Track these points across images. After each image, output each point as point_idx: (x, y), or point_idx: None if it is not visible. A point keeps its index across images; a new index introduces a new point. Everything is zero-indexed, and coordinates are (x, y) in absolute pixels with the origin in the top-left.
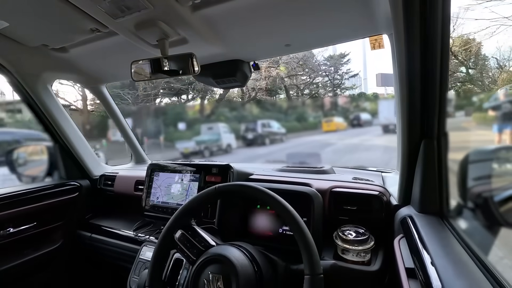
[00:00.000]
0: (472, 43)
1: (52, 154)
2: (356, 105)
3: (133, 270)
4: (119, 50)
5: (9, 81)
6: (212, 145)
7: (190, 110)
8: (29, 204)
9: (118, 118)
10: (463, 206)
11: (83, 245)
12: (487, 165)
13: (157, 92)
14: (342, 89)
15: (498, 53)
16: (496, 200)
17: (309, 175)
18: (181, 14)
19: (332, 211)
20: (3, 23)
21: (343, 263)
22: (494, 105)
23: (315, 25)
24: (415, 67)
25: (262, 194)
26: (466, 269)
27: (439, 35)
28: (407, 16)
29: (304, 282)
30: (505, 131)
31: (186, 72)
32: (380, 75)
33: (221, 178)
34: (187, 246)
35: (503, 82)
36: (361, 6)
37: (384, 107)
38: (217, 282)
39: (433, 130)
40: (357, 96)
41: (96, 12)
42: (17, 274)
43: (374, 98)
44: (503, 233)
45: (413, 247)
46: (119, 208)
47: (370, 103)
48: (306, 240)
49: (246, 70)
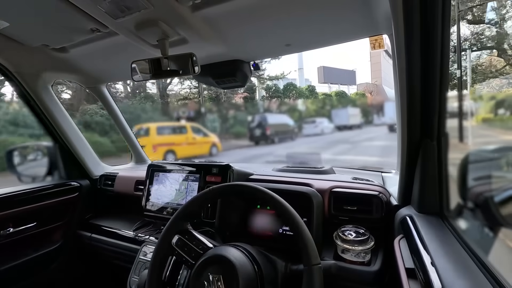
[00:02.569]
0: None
1: (52, 154)
2: (281, 104)
3: (133, 270)
4: (119, 50)
5: (9, 81)
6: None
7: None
8: (29, 204)
9: (118, 118)
10: (463, 206)
11: (83, 245)
12: (487, 165)
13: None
14: (262, 79)
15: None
16: (496, 200)
17: (309, 175)
18: (181, 14)
19: (332, 211)
20: (3, 23)
21: (343, 263)
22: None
23: (315, 25)
24: (415, 67)
25: (256, 191)
26: (466, 269)
27: (439, 35)
28: (407, 16)
29: (303, 274)
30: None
31: (186, 72)
32: (323, 68)
33: (221, 178)
34: (185, 251)
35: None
36: (361, 6)
37: (390, 108)
38: (217, 282)
39: (433, 130)
40: (282, 91)
41: (96, 12)
42: (17, 274)
43: (309, 93)
44: (503, 233)
45: (413, 247)
46: (119, 208)
47: (305, 101)
48: (300, 231)
49: (246, 70)
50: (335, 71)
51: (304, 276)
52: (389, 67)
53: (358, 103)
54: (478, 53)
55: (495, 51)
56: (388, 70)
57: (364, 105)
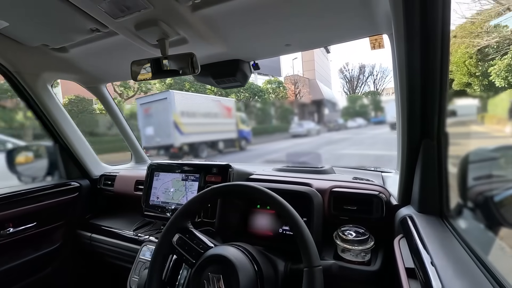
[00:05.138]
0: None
1: (52, 154)
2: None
3: (133, 270)
4: (119, 50)
5: (9, 81)
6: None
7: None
8: (29, 204)
9: (118, 117)
10: (463, 206)
11: (83, 245)
12: (487, 165)
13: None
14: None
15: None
16: (496, 200)
17: (309, 175)
18: (181, 14)
19: (332, 211)
20: (3, 23)
21: (343, 263)
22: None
23: (315, 25)
24: (415, 67)
25: (255, 191)
26: (466, 269)
27: (439, 35)
28: (407, 16)
29: (304, 275)
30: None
31: (186, 72)
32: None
33: (221, 178)
34: (186, 250)
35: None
36: (361, 6)
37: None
38: (217, 282)
39: (433, 130)
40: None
41: (96, 12)
42: (17, 274)
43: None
44: (503, 233)
45: (413, 247)
46: (119, 208)
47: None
48: (301, 231)
49: (246, 70)
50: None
51: (305, 278)
52: (326, 63)
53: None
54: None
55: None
56: (325, 66)
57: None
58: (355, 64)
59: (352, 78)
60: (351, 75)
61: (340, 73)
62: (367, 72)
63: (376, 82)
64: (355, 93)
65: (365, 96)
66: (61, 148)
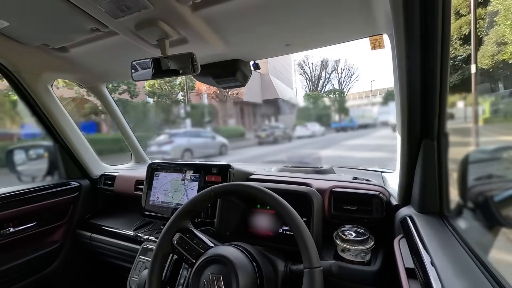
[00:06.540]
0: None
1: (52, 154)
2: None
3: (133, 270)
4: (119, 50)
5: (9, 81)
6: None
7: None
8: (29, 204)
9: (118, 117)
10: (463, 206)
11: (83, 245)
12: (487, 165)
13: None
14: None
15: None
16: (496, 200)
17: (309, 175)
18: (181, 14)
19: (332, 211)
20: (3, 23)
21: (343, 263)
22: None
23: (315, 25)
24: (415, 67)
25: (256, 191)
26: (466, 269)
27: (439, 35)
28: (407, 16)
29: (304, 276)
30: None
31: (186, 71)
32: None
33: (221, 178)
34: (186, 249)
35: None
36: (361, 6)
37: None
38: (217, 282)
39: (433, 130)
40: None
41: (96, 11)
42: (17, 274)
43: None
44: (503, 233)
45: (413, 247)
46: (119, 208)
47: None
48: (301, 231)
49: (246, 70)
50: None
51: (304, 279)
52: (283, 57)
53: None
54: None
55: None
56: (282, 61)
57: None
58: (317, 58)
59: (313, 74)
60: (312, 71)
61: (299, 68)
62: (330, 68)
63: (341, 81)
64: (316, 91)
65: (326, 94)
66: (61, 148)
